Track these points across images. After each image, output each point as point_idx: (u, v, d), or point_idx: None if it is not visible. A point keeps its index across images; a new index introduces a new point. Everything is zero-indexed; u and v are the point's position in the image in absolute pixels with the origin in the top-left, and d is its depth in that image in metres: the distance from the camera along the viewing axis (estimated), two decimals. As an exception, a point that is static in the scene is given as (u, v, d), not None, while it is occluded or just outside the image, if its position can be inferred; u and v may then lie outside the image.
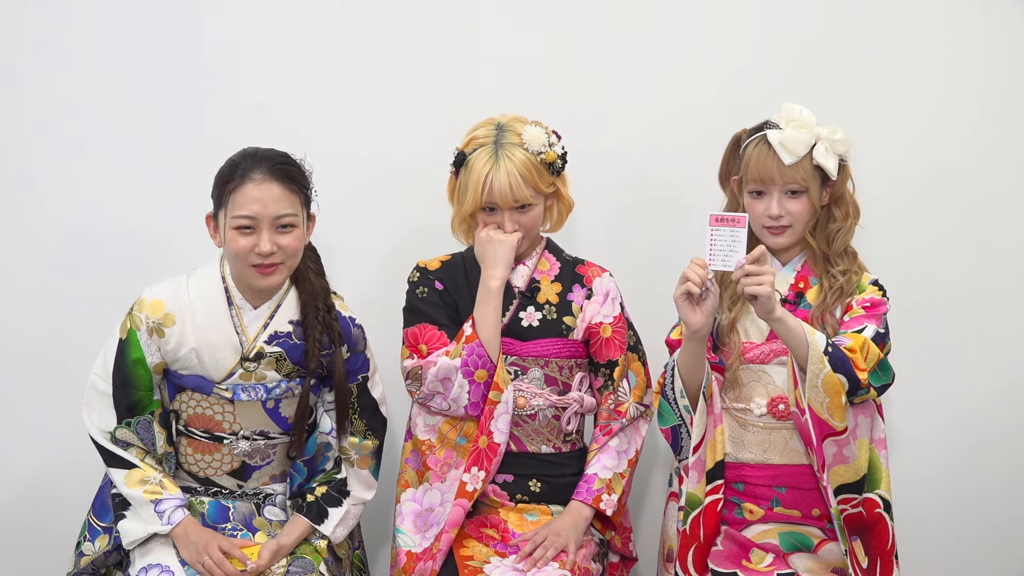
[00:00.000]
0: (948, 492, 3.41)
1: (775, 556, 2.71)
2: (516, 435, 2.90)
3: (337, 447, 2.84)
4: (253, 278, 2.70)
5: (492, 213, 2.86)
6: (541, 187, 2.85)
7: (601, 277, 2.98)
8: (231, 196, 2.65)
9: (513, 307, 2.93)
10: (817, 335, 2.60)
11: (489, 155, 2.82)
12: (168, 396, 2.79)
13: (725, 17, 3.38)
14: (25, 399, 3.34)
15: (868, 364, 2.65)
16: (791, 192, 2.73)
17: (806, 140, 2.70)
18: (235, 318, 2.74)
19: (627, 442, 2.92)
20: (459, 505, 2.81)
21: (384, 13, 3.35)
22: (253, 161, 2.67)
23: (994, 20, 3.37)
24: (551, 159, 2.86)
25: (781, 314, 2.58)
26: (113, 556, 2.77)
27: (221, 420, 2.77)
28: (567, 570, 2.73)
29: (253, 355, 2.73)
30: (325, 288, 2.80)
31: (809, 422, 2.62)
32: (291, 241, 2.68)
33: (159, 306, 2.72)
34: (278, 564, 2.71)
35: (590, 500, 2.84)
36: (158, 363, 2.74)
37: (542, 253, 2.98)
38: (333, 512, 2.79)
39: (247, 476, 2.82)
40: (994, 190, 3.37)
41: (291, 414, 2.80)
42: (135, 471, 2.72)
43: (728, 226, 2.54)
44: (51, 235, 3.33)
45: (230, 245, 2.67)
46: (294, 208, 2.68)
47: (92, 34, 3.32)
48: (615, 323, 2.94)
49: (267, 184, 2.64)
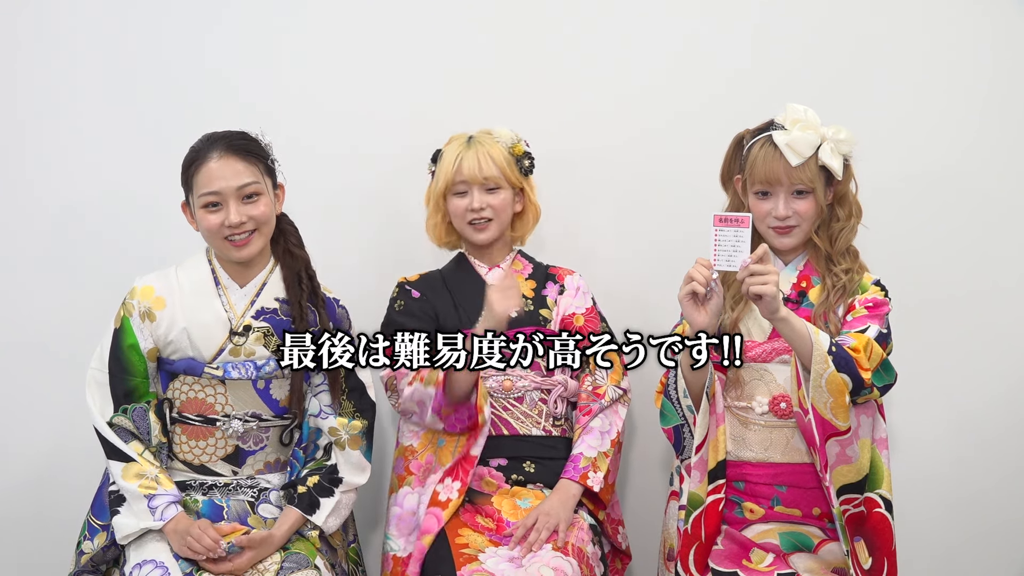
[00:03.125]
0: (948, 492, 3.42)
1: (775, 556, 2.71)
2: (506, 419, 2.99)
3: (327, 431, 2.88)
4: (230, 252, 2.81)
5: (463, 196, 3.01)
6: (509, 174, 3.02)
7: (572, 275, 3.13)
8: (195, 178, 2.79)
9: None
10: (821, 335, 2.60)
11: (463, 143, 3.03)
12: (162, 387, 2.86)
13: (725, 18, 3.40)
14: (25, 395, 3.37)
15: (872, 364, 2.65)
16: (797, 192, 2.74)
17: (812, 141, 2.71)
18: (223, 297, 2.85)
19: (608, 423, 2.99)
20: (432, 514, 2.88)
21: (383, 13, 3.38)
22: (210, 142, 2.80)
23: (995, 21, 3.38)
24: (519, 152, 3.03)
25: (785, 314, 2.59)
26: (111, 552, 2.81)
27: (213, 402, 2.83)
28: (559, 549, 2.77)
29: (241, 329, 2.81)
30: (306, 259, 2.90)
31: (812, 422, 2.62)
32: (260, 210, 2.80)
33: (150, 291, 2.84)
34: (271, 560, 2.75)
35: (577, 477, 2.90)
36: (151, 348, 2.83)
37: (515, 257, 3.14)
38: (325, 502, 2.83)
39: (241, 462, 2.86)
40: (995, 190, 3.38)
41: (282, 397, 2.87)
42: (133, 465, 2.77)
43: (732, 226, 2.54)
44: (50, 234, 3.37)
45: (202, 224, 2.80)
46: (255, 177, 2.79)
47: (92, 32, 3.36)
48: (587, 313, 3.07)
49: (225, 159, 2.77)
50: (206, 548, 2.69)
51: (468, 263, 3.10)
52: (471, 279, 3.07)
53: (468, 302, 3.01)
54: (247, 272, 2.86)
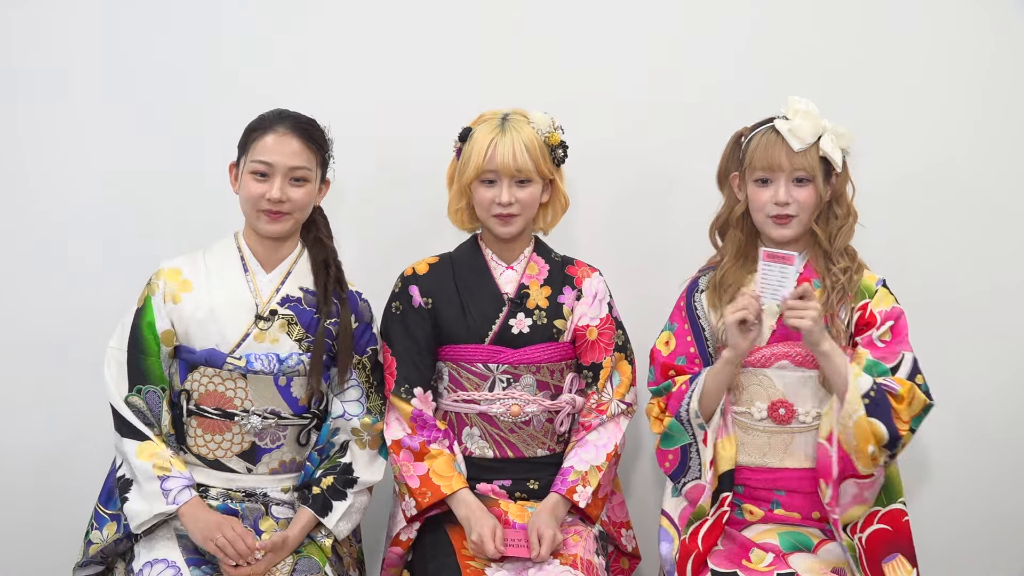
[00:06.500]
0: (949, 489, 3.43)
1: (775, 556, 2.71)
2: (512, 442, 2.94)
3: (350, 432, 2.89)
4: (261, 223, 2.84)
5: (491, 186, 2.89)
6: (542, 166, 2.89)
7: (591, 277, 3.01)
8: (253, 144, 2.83)
9: (503, 315, 2.95)
10: (861, 379, 2.65)
11: (495, 126, 2.89)
12: (180, 378, 2.86)
13: (723, 14, 3.39)
14: (24, 395, 3.36)
15: (912, 413, 2.69)
16: (797, 180, 2.75)
17: (815, 128, 2.73)
18: (250, 282, 2.87)
19: (606, 436, 2.94)
20: (393, 553, 2.93)
21: (386, 7, 3.38)
22: (280, 117, 2.85)
23: (994, 19, 3.38)
24: (555, 141, 2.92)
25: (827, 349, 2.66)
26: (123, 544, 2.81)
27: (233, 396, 2.83)
28: (568, 564, 2.75)
29: (267, 313, 2.84)
30: (333, 250, 2.94)
31: (834, 456, 2.65)
32: (301, 195, 2.84)
33: (176, 273, 2.87)
34: (284, 563, 2.76)
35: (564, 491, 2.87)
36: (167, 330, 2.84)
37: (530, 256, 3.00)
38: (337, 506, 2.84)
39: (257, 459, 2.86)
40: (994, 190, 3.39)
41: (302, 395, 2.87)
42: (148, 443, 2.77)
43: (779, 262, 2.66)
44: (50, 231, 3.37)
45: (244, 189, 2.84)
46: (309, 164, 2.84)
47: (92, 29, 3.35)
48: (601, 325, 2.98)
49: (288, 137, 2.82)
50: (239, 553, 2.68)
51: (482, 257, 2.99)
52: (483, 282, 2.97)
53: (476, 308, 2.95)
54: (274, 256, 2.89)
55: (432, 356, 2.96)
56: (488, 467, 2.93)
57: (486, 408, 2.92)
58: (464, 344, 2.94)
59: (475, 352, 2.93)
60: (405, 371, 2.92)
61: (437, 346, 2.96)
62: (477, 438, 2.94)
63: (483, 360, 2.93)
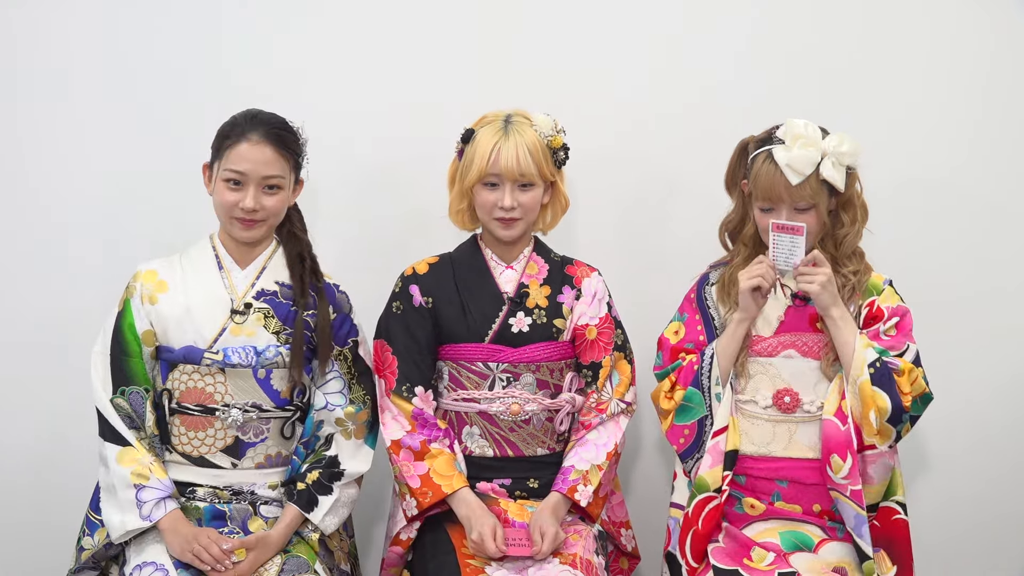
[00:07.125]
0: (948, 492, 3.44)
1: (776, 555, 2.73)
2: (512, 440, 2.94)
3: (334, 423, 2.89)
4: (236, 230, 2.86)
5: (493, 189, 2.89)
6: (544, 170, 2.90)
7: (590, 277, 3.02)
8: (227, 151, 2.81)
9: (503, 314, 2.96)
10: (868, 351, 2.70)
11: (499, 128, 2.90)
12: (162, 378, 2.86)
13: (723, 14, 3.39)
14: (23, 395, 3.37)
15: (914, 391, 2.72)
16: (799, 208, 2.77)
17: (812, 158, 2.72)
18: (224, 279, 2.88)
19: (606, 435, 2.94)
20: (394, 552, 2.93)
21: (385, 8, 3.38)
22: (253, 123, 2.83)
23: (994, 19, 3.38)
24: (557, 144, 2.92)
25: (838, 315, 2.73)
26: (113, 549, 2.81)
27: (213, 392, 2.84)
28: (567, 563, 2.76)
29: (241, 307, 2.85)
30: (308, 243, 2.95)
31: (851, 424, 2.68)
32: (275, 203, 2.85)
33: (152, 275, 2.88)
34: (271, 563, 2.75)
35: (565, 490, 2.87)
36: (147, 330, 2.85)
37: (530, 256, 3.01)
38: (323, 500, 2.84)
39: (241, 454, 2.86)
40: (994, 192, 3.39)
41: (283, 388, 2.87)
42: (129, 450, 2.78)
43: (788, 233, 2.73)
44: (50, 231, 3.37)
45: (218, 196, 2.85)
46: (282, 171, 2.84)
47: (92, 29, 3.35)
48: (601, 324, 2.98)
49: (261, 146, 2.80)
50: (214, 558, 2.69)
51: (482, 256, 3.00)
52: (483, 282, 2.98)
53: (476, 307, 2.95)
54: (250, 253, 2.90)
55: (433, 355, 2.97)
56: (488, 466, 2.94)
57: (486, 407, 2.93)
58: (464, 343, 2.95)
59: (475, 351, 2.94)
60: (406, 370, 2.93)
61: (437, 345, 2.97)
62: (477, 437, 2.95)
63: (483, 359, 2.94)
